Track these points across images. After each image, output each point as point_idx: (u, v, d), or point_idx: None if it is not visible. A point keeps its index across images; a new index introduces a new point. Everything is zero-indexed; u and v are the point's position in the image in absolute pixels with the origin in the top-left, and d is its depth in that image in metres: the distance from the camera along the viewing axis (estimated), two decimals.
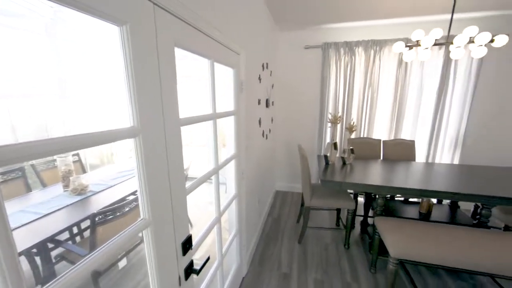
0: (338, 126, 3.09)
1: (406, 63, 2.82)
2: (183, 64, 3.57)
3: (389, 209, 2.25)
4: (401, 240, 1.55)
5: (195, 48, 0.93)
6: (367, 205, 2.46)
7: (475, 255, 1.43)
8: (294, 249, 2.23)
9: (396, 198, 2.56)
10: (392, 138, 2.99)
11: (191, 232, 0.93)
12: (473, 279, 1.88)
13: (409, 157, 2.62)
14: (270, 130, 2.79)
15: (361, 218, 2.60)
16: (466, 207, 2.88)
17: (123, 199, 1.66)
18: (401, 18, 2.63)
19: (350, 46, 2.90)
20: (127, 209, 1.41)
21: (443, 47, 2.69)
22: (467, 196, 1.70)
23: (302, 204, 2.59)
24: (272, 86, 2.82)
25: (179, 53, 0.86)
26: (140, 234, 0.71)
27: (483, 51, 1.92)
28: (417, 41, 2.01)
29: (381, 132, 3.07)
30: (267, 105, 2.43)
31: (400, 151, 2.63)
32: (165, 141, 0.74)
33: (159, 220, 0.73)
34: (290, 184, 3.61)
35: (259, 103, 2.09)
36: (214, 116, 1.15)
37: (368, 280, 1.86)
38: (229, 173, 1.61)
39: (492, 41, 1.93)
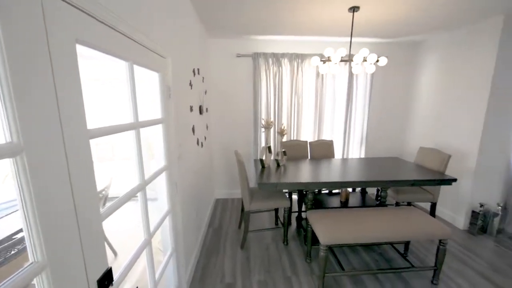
0: (271, 130, 3.31)
1: (323, 75, 3.30)
2: (99, 65, 3.06)
3: (318, 202, 2.55)
4: (328, 228, 1.77)
5: (107, 47, 0.80)
6: (300, 201, 2.72)
7: (379, 229, 1.78)
8: (237, 256, 2.22)
9: (322, 192, 2.93)
10: (316, 139, 3.42)
11: (115, 262, 0.78)
12: (380, 248, 2.34)
13: (330, 154, 3.05)
14: (205, 138, 2.71)
15: (296, 214, 2.85)
16: (372, 191, 3.58)
17: (8, 238, 1.24)
18: (317, 36, 3.07)
19: (277, 57, 3.17)
20: (13, 251, 1.06)
21: (348, 63, 3.29)
22: (371, 183, 2.10)
23: (243, 209, 2.61)
24: (205, 92, 2.77)
25: (89, 52, 0.72)
26: (33, 282, 0.54)
27: (373, 68, 2.45)
28: (328, 57, 2.38)
29: (307, 134, 3.47)
30: (200, 112, 2.35)
31: (322, 150, 3.03)
32: (66, 158, 0.60)
33: (60, 259, 0.58)
34: (230, 190, 3.60)
35: (191, 109, 2.00)
36: (136, 125, 1.02)
37: (305, 270, 2.03)
38: (160, 187, 1.46)
39: (377, 61, 2.49)
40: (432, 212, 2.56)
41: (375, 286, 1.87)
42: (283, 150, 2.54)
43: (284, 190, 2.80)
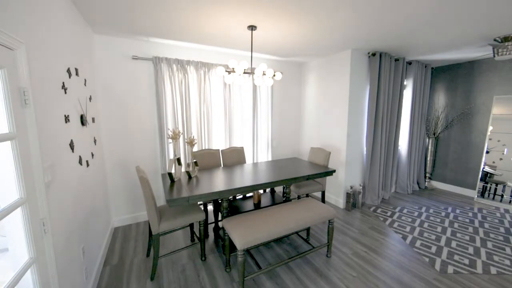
0: (180, 141, 3.10)
1: (229, 84, 3.44)
2: None
3: (234, 208, 2.59)
4: (243, 232, 1.81)
5: None
6: (216, 211, 2.67)
7: (287, 222, 2.00)
8: None
9: (237, 197, 3.01)
10: (228, 146, 3.50)
11: None
12: (289, 239, 2.64)
13: (241, 160, 3.20)
14: (93, 155, 2.18)
15: (213, 225, 2.77)
16: (279, 189, 4.03)
17: None
18: (223, 48, 3.18)
19: (182, 64, 3.02)
20: None
21: (251, 76, 3.59)
22: (277, 182, 2.34)
23: (151, 233, 2.27)
24: (90, 98, 2.24)
25: None
26: None
27: (271, 81, 2.78)
28: (233, 68, 2.50)
29: (219, 142, 3.50)
30: (83, 123, 1.87)
31: (234, 157, 3.13)
32: None
33: None
34: (133, 214, 3.06)
35: (67, 120, 1.55)
36: None
37: (225, 281, 1.99)
38: (13, 231, 1.02)
39: (274, 75, 2.86)
40: (323, 199, 3.17)
41: (288, 274, 2.09)
42: (194, 160, 2.43)
43: (198, 203, 2.67)
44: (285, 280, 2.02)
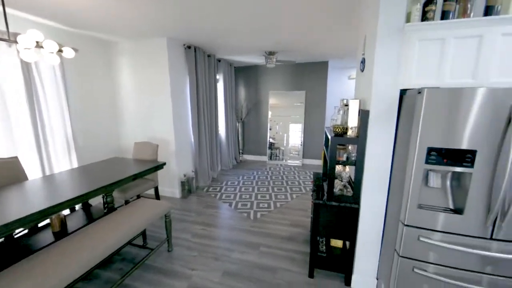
0: None
1: None
2: None
3: (15, 254, 1.65)
4: (30, 286, 1.21)
5: None
6: None
7: (110, 238, 1.63)
8: None
9: (17, 236, 1.96)
10: None
11: None
12: (120, 254, 2.22)
13: (18, 178, 2.08)
14: None
15: None
16: (99, 200, 3.21)
17: None
18: None
19: None
20: None
21: (12, 44, 2.33)
22: (89, 194, 1.81)
23: None
24: None
25: None
26: None
27: (56, 59, 1.99)
28: None
29: None
30: None
31: (1, 176, 1.96)
32: None
33: None
34: None
35: None
36: None
37: None
38: None
39: (61, 50, 2.06)
40: (157, 194, 2.99)
41: None
42: None
43: None
44: None
